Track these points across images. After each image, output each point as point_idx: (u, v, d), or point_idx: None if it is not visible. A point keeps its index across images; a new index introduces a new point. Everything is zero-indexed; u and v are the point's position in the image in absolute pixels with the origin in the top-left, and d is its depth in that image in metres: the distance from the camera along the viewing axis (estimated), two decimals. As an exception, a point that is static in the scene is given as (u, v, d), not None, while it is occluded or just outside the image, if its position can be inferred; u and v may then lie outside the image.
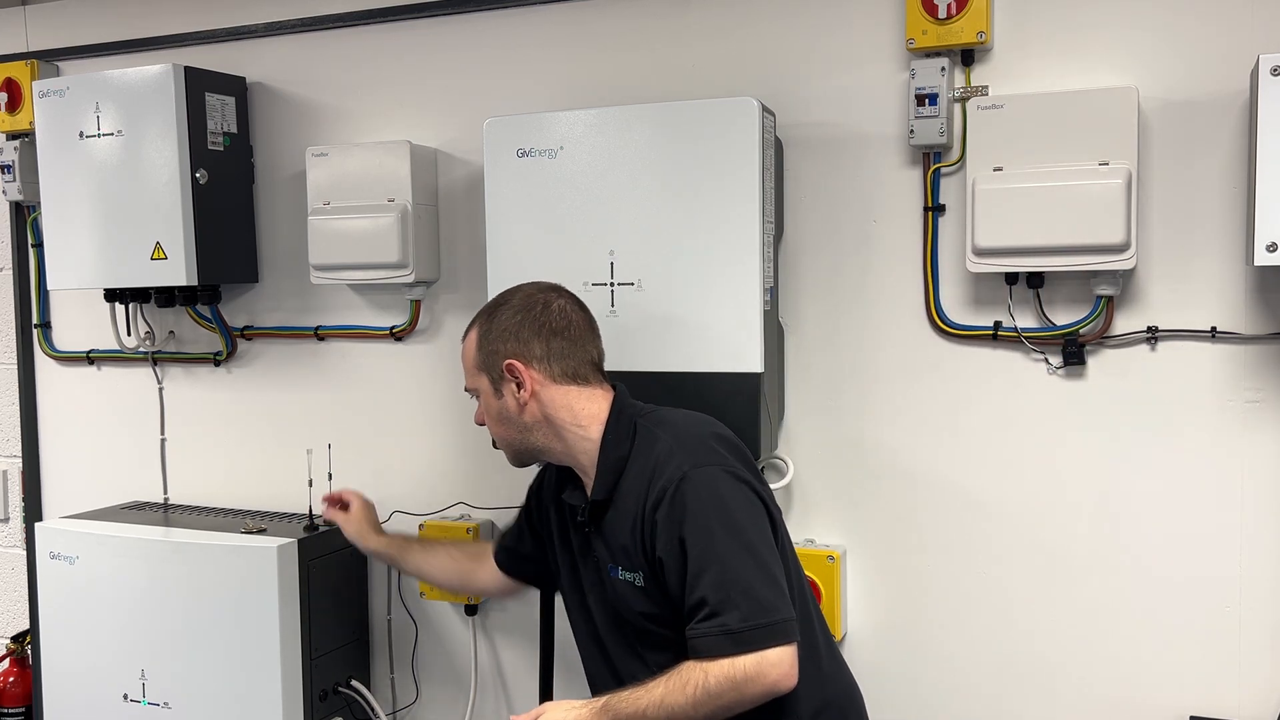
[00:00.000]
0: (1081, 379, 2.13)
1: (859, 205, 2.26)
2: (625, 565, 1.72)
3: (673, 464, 1.67)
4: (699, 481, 1.64)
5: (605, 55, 2.44)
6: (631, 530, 1.70)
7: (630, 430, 1.76)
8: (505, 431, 1.82)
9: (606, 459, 1.74)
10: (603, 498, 1.74)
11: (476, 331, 1.83)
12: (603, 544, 1.76)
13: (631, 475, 1.72)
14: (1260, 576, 2.05)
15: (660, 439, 1.72)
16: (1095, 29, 2.08)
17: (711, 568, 1.59)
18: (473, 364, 1.83)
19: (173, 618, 2.46)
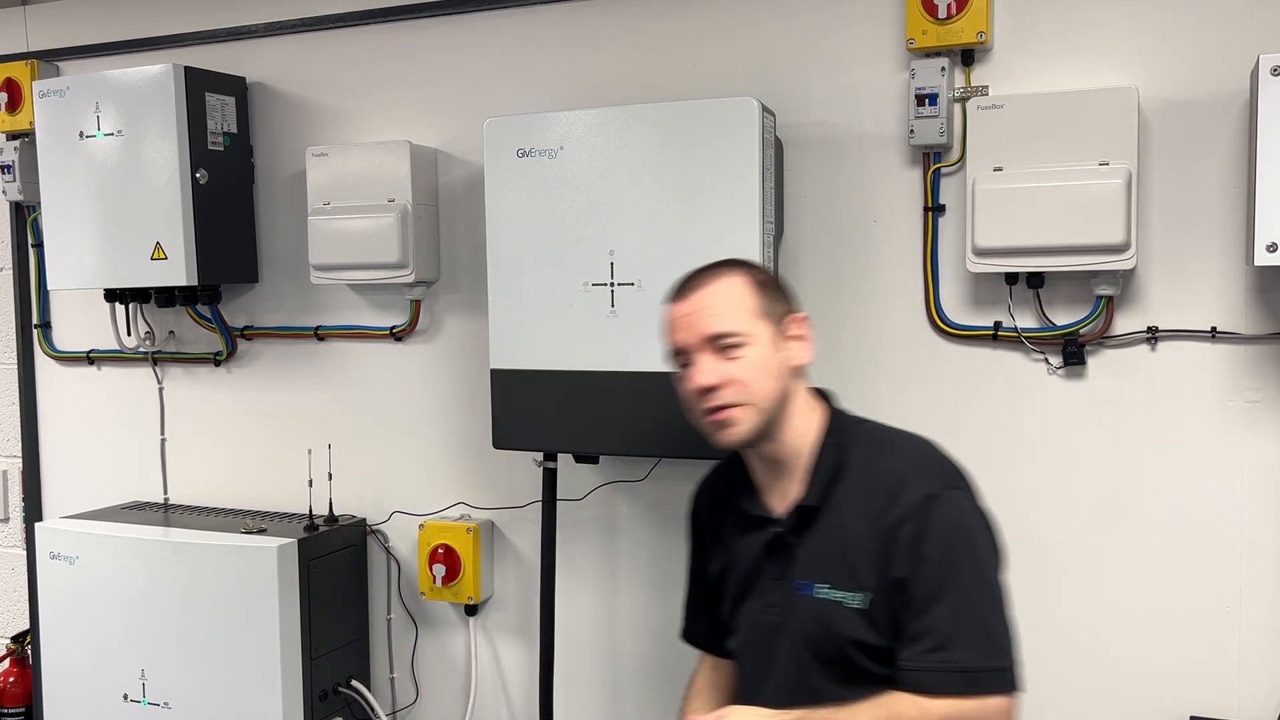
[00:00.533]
0: (1081, 379, 2.13)
1: (859, 205, 2.26)
2: (836, 584, 1.54)
3: (919, 481, 1.53)
4: (950, 503, 1.51)
5: (605, 55, 2.44)
6: (859, 547, 1.53)
7: (849, 439, 1.61)
8: (774, 386, 1.57)
9: (825, 463, 1.59)
10: (816, 503, 1.58)
11: (743, 275, 1.61)
12: (796, 561, 1.59)
13: (852, 486, 1.57)
14: (1260, 576, 2.05)
15: (895, 453, 1.59)
16: (1095, 29, 2.08)
17: (948, 596, 1.45)
18: (749, 309, 1.57)
19: (173, 618, 2.46)
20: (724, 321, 1.57)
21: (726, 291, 1.59)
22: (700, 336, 1.57)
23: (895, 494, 1.52)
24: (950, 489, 1.53)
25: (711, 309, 1.58)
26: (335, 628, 2.59)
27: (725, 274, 1.61)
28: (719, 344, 1.56)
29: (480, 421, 2.50)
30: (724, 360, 1.56)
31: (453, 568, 2.54)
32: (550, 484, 2.41)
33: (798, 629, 1.58)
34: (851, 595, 1.53)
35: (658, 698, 2.51)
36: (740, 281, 1.60)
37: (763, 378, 1.57)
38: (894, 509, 1.51)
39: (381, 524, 2.70)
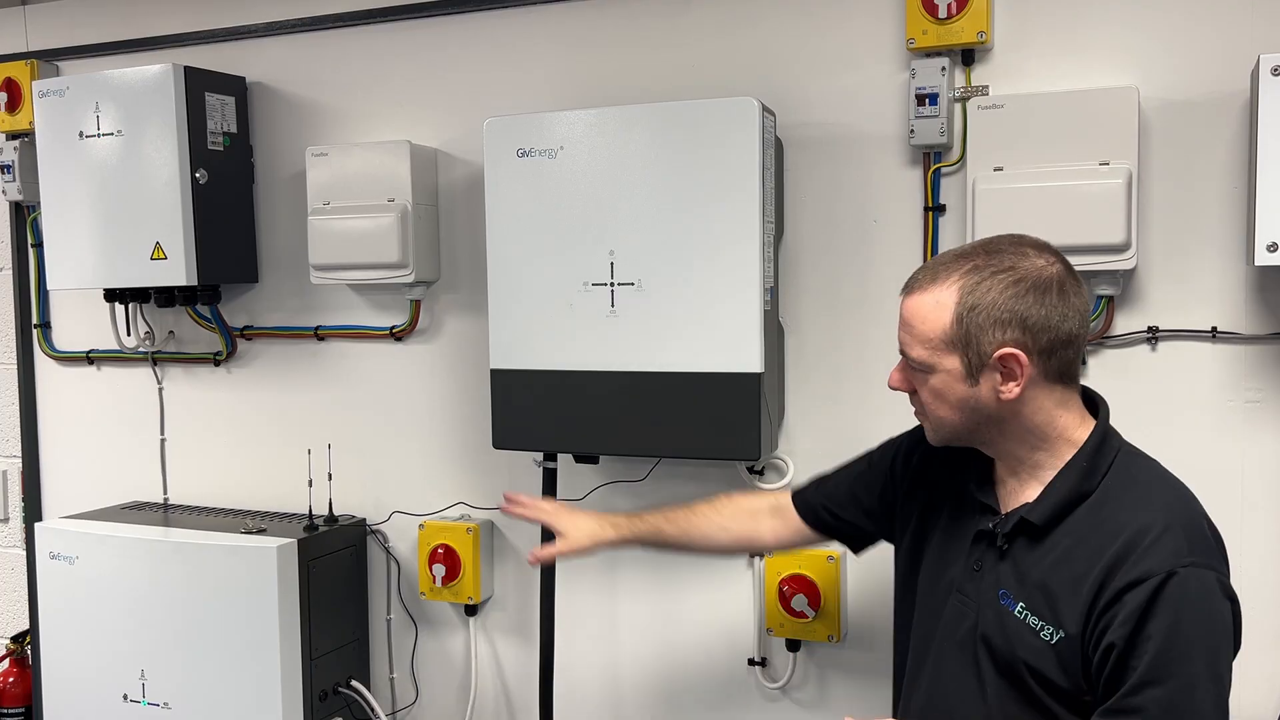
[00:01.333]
0: (1082, 379, 2.13)
1: (859, 205, 2.26)
2: (1036, 611, 1.44)
3: (1168, 546, 1.36)
4: (1194, 586, 1.35)
5: (605, 55, 2.44)
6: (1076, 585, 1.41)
7: (1107, 466, 1.46)
8: (958, 419, 1.49)
9: (1066, 486, 1.45)
10: (1039, 522, 1.45)
11: (955, 295, 1.43)
12: (1008, 569, 1.48)
13: (1090, 516, 1.43)
14: (1260, 577, 2.05)
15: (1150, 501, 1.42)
16: (1095, 29, 2.08)
17: (1169, 684, 1.32)
18: (942, 336, 1.44)
19: (173, 618, 2.46)
20: (911, 345, 1.49)
21: (927, 309, 1.46)
22: (901, 347, 1.52)
23: (1133, 549, 1.37)
24: (1197, 567, 1.36)
25: (908, 325, 1.49)
26: (335, 628, 2.59)
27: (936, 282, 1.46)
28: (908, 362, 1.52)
29: (480, 421, 2.50)
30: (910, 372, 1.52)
31: (452, 568, 2.54)
32: (550, 484, 2.41)
33: (986, 633, 1.49)
34: (1048, 628, 1.42)
35: (658, 698, 2.51)
36: (947, 296, 1.44)
37: (940, 405, 1.49)
38: (1127, 568, 1.36)
39: (381, 524, 2.70)
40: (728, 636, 2.41)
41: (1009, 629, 1.46)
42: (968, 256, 1.46)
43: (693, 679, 2.46)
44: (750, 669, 2.40)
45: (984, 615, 1.50)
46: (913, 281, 1.49)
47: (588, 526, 1.91)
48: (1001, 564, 1.49)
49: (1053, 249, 1.46)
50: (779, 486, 2.30)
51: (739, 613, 2.39)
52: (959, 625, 1.53)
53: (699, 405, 2.11)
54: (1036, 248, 1.45)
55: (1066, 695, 1.42)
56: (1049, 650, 1.42)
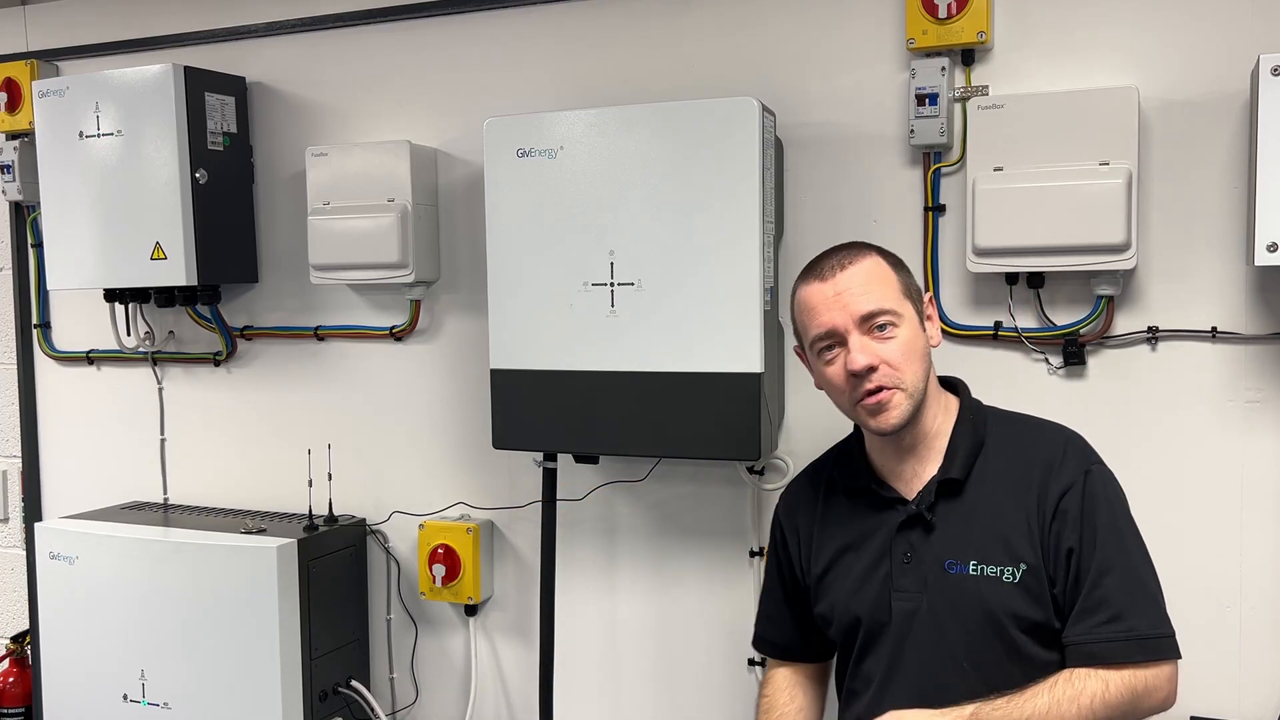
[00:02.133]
0: (1082, 379, 2.13)
1: (859, 205, 2.26)
2: (990, 559, 1.54)
3: (1072, 457, 1.58)
4: (1107, 478, 1.57)
5: (605, 55, 2.44)
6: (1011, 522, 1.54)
7: (983, 418, 1.65)
8: (921, 369, 1.59)
9: (965, 439, 1.61)
10: (960, 476, 1.58)
11: (878, 256, 1.61)
12: (941, 539, 1.58)
13: (993, 464, 1.59)
14: (1260, 576, 2.05)
15: (1039, 428, 1.64)
16: (1095, 29, 2.08)
17: (1118, 568, 1.48)
18: (896, 288, 1.59)
19: (173, 618, 2.46)
20: (879, 300, 1.55)
21: (874, 270, 1.58)
22: (854, 316, 1.55)
23: (1051, 468, 1.55)
24: (1100, 464, 1.58)
25: (864, 287, 1.55)
26: (335, 628, 2.59)
27: (865, 254, 1.60)
28: (872, 323, 1.55)
29: (480, 421, 2.50)
30: (877, 341, 1.55)
31: (452, 568, 2.54)
32: (550, 484, 2.41)
33: (945, 609, 1.56)
34: (1007, 569, 1.53)
35: (658, 698, 2.51)
36: (882, 261, 1.60)
37: (912, 359, 1.57)
38: (1054, 483, 1.54)
39: (381, 524, 2.70)
40: (728, 636, 2.41)
41: (970, 590, 1.54)
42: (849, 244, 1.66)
43: (693, 679, 2.46)
44: (750, 669, 2.40)
45: (935, 597, 1.56)
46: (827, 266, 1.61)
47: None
48: (933, 539, 1.58)
49: None
50: (778, 486, 2.30)
51: (739, 613, 2.39)
52: (910, 621, 1.58)
53: (699, 405, 2.11)
54: None
55: (1039, 629, 1.53)
56: (1016, 589, 1.52)
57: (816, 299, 1.59)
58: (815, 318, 1.59)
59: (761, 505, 2.36)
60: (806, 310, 1.61)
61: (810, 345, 1.62)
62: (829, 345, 1.58)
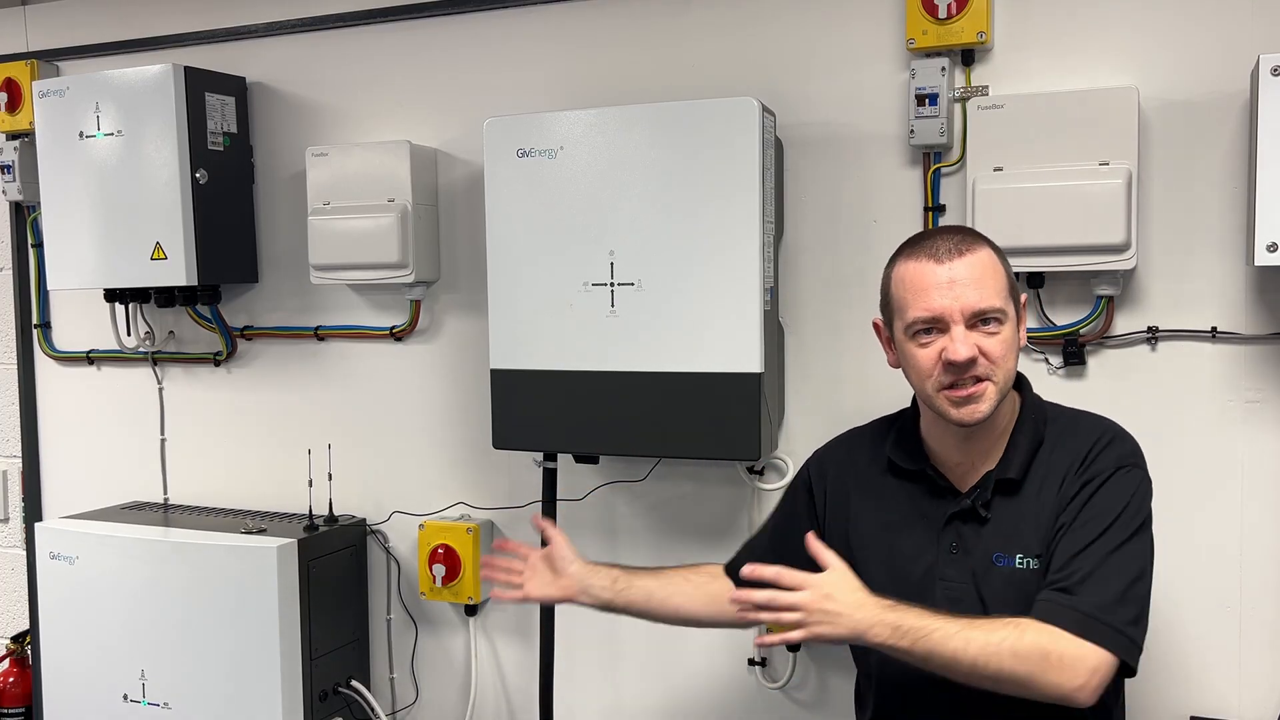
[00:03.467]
0: (1082, 379, 2.13)
1: (859, 205, 2.26)
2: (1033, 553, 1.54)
3: (1113, 454, 1.56)
4: (1133, 478, 1.54)
5: (605, 55, 2.44)
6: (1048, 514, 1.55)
7: (1044, 415, 1.63)
8: (1012, 367, 1.57)
9: (1025, 436, 1.60)
10: (1017, 476, 1.57)
11: (991, 252, 1.57)
12: (993, 533, 1.57)
13: (1047, 461, 1.58)
14: (1260, 576, 2.05)
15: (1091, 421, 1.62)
16: (1095, 29, 2.08)
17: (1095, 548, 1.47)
18: (1005, 285, 1.56)
19: (173, 618, 2.47)
20: (992, 297, 1.53)
21: (989, 264, 1.54)
22: (966, 308, 1.51)
23: (1084, 458, 1.55)
24: (1138, 468, 1.56)
25: (979, 281, 1.52)
26: (335, 628, 2.59)
27: (980, 245, 1.56)
28: (981, 318, 1.53)
29: (480, 421, 2.50)
30: (980, 335, 1.53)
31: (453, 568, 2.54)
32: (550, 484, 2.41)
33: (993, 601, 1.54)
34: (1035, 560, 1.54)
35: (658, 698, 2.51)
36: (996, 257, 1.57)
37: (1009, 357, 1.56)
38: (1084, 471, 1.54)
39: (381, 524, 2.70)
40: (728, 636, 2.41)
41: (1017, 582, 1.54)
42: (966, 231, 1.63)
43: (693, 679, 2.46)
44: (750, 669, 2.40)
45: (984, 587, 1.56)
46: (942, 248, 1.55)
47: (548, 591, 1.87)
48: (984, 532, 1.58)
49: None
50: (778, 486, 2.30)
51: (739, 613, 2.38)
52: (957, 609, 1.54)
53: (699, 405, 2.11)
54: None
55: None
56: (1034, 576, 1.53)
57: (929, 280, 1.53)
58: (923, 299, 1.53)
59: (761, 505, 2.36)
60: (914, 289, 1.55)
61: (907, 325, 1.56)
62: (928, 329, 1.54)
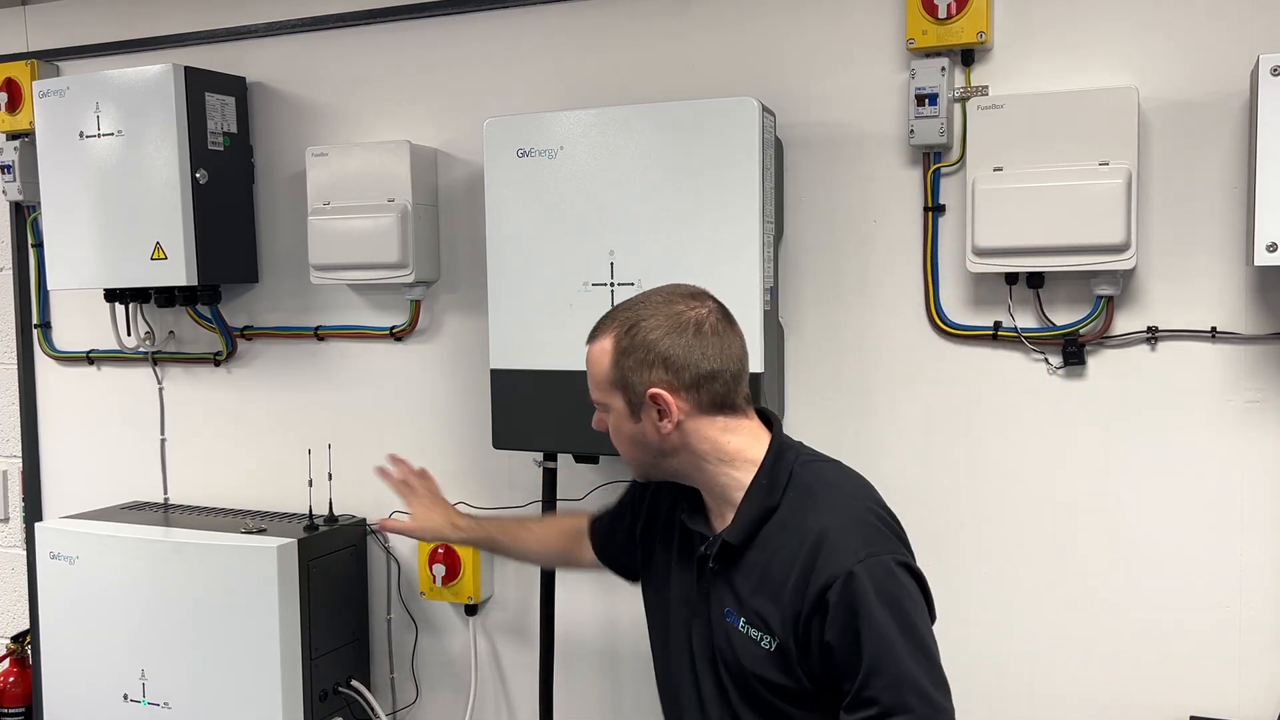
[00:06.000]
0: (1081, 379, 2.13)
1: (859, 205, 2.26)
2: (753, 624, 1.56)
3: (845, 546, 1.50)
4: (878, 575, 1.49)
5: (605, 55, 2.44)
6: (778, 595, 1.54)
7: (785, 479, 1.59)
8: (638, 455, 1.64)
9: (753, 505, 1.58)
10: (738, 543, 1.58)
11: (612, 343, 1.60)
12: (725, 588, 1.61)
13: (779, 530, 1.56)
14: (1260, 576, 2.05)
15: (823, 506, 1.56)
16: (1095, 29, 2.08)
17: (887, 670, 1.47)
18: (606, 379, 1.61)
19: (173, 618, 2.47)
20: (594, 388, 1.65)
21: (595, 358, 1.64)
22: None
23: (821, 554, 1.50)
24: (875, 556, 1.50)
25: (588, 372, 1.65)
26: (335, 628, 2.59)
27: (601, 336, 1.63)
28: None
29: (480, 421, 2.50)
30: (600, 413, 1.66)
31: (452, 568, 2.54)
32: (550, 484, 2.41)
33: (720, 648, 1.61)
34: (765, 637, 1.55)
35: (657, 698, 2.50)
36: (606, 348, 1.61)
37: (625, 444, 1.64)
38: (816, 572, 1.50)
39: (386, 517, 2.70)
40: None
41: (735, 643, 1.58)
42: (629, 307, 1.62)
43: (693, 679, 2.46)
44: (750, 669, 2.40)
45: (717, 633, 1.61)
46: (592, 333, 1.65)
47: (435, 520, 2.03)
48: (718, 584, 1.61)
49: (708, 296, 1.61)
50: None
51: (739, 613, 2.39)
52: (707, 644, 1.63)
53: (699, 405, 2.11)
54: (689, 296, 1.60)
55: (793, 694, 1.55)
56: (770, 657, 1.54)
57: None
58: None
59: (761, 505, 2.36)
60: None
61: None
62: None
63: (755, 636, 1.56)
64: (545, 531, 2.05)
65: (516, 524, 2.08)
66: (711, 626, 1.62)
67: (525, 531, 2.04)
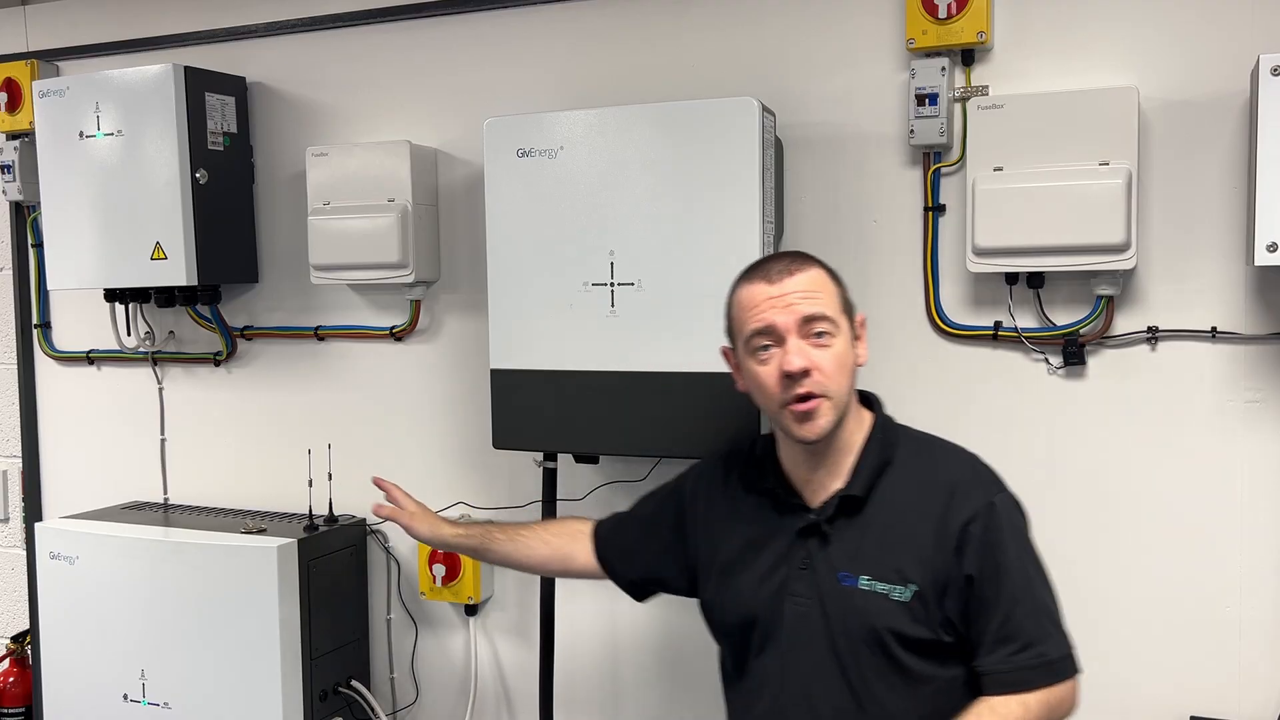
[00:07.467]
0: (1081, 379, 2.14)
1: (859, 205, 2.26)
2: (880, 576, 1.57)
3: (978, 483, 1.61)
4: (1011, 508, 1.60)
5: (605, 55, 2.44)
6: (910, 541, 1.57)
7: (896, 437, 1.67)
8: (846, 385, 1.61)
9: (871, 457, 1.63)
10: (862, 494, 1.61)
11: (825, 270, 1.63)
12: (838, 550, 1.61)
13: (898, 483, 1.62)
14: (1260, 576, 2.05)
15: (941, 457, 1.67)
16: (1095, 29, 2.08)
17: (1026, 599, 1.55)
18: (837, 302, 1.61)
19: (173, 618, 2.47)
20: (824, 306, 1.58)
21: (821, 281, 1.61)
22: (798, 318, 1.57)
23: (954, 494, 1.58)
24: (1004, 493, 1.61)
25: (811, 293, 1.58)
26: (335, 628, 2.59)
27: (812, 264, 1.63)
28: (813, 329, 1.57)
29: (480, 421, 2.50)
30: (814, 347, 1.57)
31: (453, 568, 2.54)
32: (550, 484, 2.41)
33: (836, 618, 1.59)
34: (896, 588, 1.56)
35: (658, 698, 2.51)
36: (827, 275, 1.63)
37: (842, 372, 1.59)
38: (956, 510, 1.57)
39: (381, 524, 2.70)
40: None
41: (858, 603, 1.57)
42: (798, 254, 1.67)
43: (693, 679, 2.46)
44: (750, 669, 2.40)
45: (829, 605, 1.59)
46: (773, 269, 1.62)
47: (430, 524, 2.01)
48: (829, 550, 1.61)
49: None
50: (779, 486, 2.31)
51: (739, 613, 2.38)
52: (803, 625, 1.61)
53: (699, 405, 2.11)
54: None
55: (925, 645, 1.56)
56: (902, 609, 1.55)
57: (759, 297, 1.60)
58: (756, 314, 1.59)
59: (761, 505, 2.36)
60: (746, 308, 1.62)
61: (745, 342, 1.62)
62: (765, 345, 1.59)
63: (884, 590, 1.57)
64: (544, 530, 2.03)
65: (514, 526, 2.06)
66: (820, 600, 1.60)
67: (523, 530, 2.03)
